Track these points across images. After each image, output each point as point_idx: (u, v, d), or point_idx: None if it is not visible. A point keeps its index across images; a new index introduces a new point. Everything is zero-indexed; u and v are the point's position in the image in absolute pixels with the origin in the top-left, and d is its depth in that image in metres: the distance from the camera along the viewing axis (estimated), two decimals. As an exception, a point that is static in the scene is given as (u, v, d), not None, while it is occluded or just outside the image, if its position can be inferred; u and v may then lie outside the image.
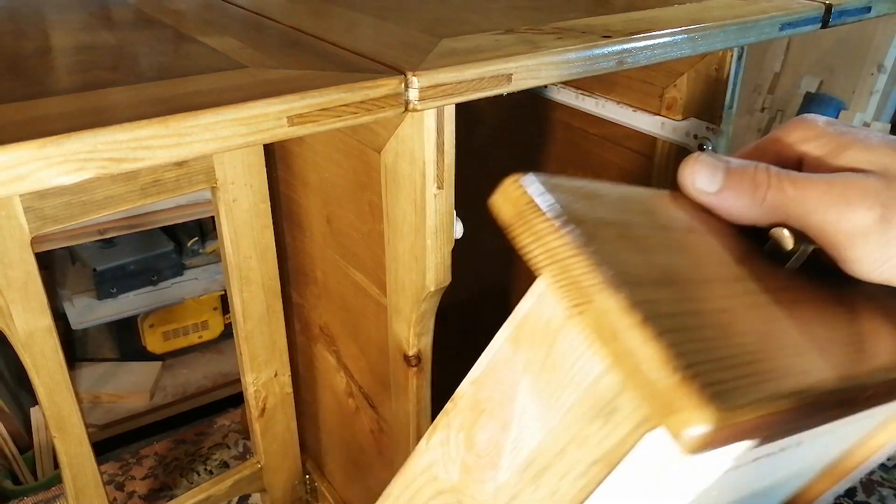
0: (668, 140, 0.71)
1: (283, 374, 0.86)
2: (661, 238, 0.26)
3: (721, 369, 0.20)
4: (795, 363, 0.23)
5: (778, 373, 0.21)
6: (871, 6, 0.63)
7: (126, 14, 0.60)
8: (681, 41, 0.51)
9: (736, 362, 0.21)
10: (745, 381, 0.20)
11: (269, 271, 0.78)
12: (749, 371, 0.21)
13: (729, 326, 0.23)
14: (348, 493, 0.90)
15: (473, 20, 0.55)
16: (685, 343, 0.20)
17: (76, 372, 1.45)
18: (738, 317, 0.24)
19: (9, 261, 0.61)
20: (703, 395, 0.19)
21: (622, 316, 0.21)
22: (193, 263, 1.50)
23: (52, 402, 0.69)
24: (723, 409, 0.19)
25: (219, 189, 0.70)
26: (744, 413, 0.19)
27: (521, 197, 0.26)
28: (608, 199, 0.27)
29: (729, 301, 0.24)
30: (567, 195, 0.26)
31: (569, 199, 0.25)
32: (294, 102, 0.38)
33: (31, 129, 0.33)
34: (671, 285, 0.23)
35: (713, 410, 0.19)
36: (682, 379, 0.19)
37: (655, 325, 0.20)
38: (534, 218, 0.24)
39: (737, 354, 0.21)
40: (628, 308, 0.21)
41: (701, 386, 0.19)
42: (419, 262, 0.53)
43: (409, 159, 0.50)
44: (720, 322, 0.23)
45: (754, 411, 0.20)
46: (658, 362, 0.20)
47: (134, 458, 1.19)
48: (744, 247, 0.29)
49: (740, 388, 0.20)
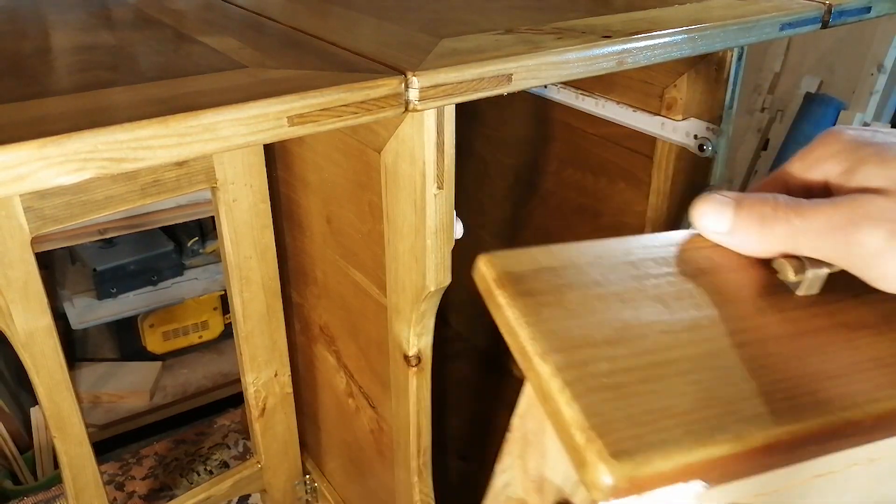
0: (668, 140, 0.71)
1: (283, 374, 0.86)
2: (638, 290, 0.29)
3: (636, 425, 0.23)
4: (739, 408, 0.24)
5: (705, 423, 0.23)
6: (871, 6, 0.63)
7: (126, 14, 0.60)
8: (681, 41, 0.51)
9: (656, 417, 0.23)
10: (660, 435, 0.23)
11: (269, 271, 0.78)
12: (668, 425, 0.23)
13: (664, 379, 0.25)
14: (348, 492, 0.90)
15: (473, 20, 0.55)
16: (603, 403, 0.23)
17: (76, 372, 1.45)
18: (681, 367, 0.25)
19: (9, 261, 0.61)
20: (605, 454, 0.22)
21: (550, 381, 0.24)
22: (193, 263, 1.50)
23: (52, 402, 0.69)
24: (626, 465, 0.21)
25: (219, 189, 0.70)
26: (648, 468, 0.22)
27: (488, 273, 0.29)
28: (587, 258, 0.30)
29: (683, 350, 0.26)
30: (532, 267, 0.29)
31: (532, 271, 0.29)
32: (294, 102, 0.38)
33: (31, 129, 0.33)
34: (621, 343, 0.26)
35: (615, 467, 0.21)
36: (588, 440, 0.22)
37: (576, 389, 0.24)
38: (496, 293, 0.28)
39: (663, 408, 0.24)
40: (555, 374, 0.24)
41: (606, 444, 0.22)
42: (419, 262, 0.53)
43: (409, 159, 0.50)
44: (656, 375, 0.25)
45: (660, 465, 0.22)
46: (574, 423, 0.23)
47: (134, 458, 1.19)
48: (762, 281, 0.30)
49: (651, 444, 0.22)
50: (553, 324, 0.26)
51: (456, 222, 0.52)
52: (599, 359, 0.25)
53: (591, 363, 0.25)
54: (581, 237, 0.31)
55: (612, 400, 0.24)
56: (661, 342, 0.26)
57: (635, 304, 0.28)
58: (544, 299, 0.28)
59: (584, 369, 0.24)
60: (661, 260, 0.31)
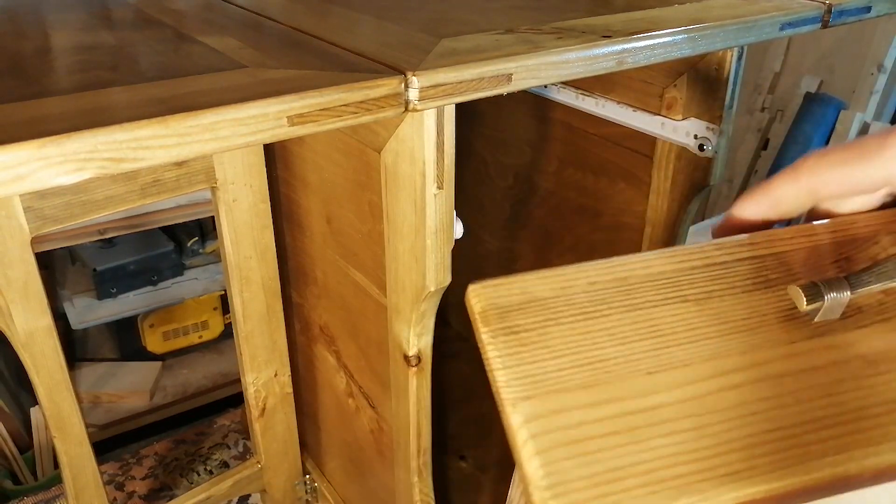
0: (669, 140, 0.71)
1: (283, 374, 0.86)
2: (631, 322, 0.27)
3: (596, 485, 0.22)
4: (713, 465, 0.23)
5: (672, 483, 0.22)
6: (871, 6, 0.63)
7: (126, 14, 0.60)
8: (681, 41, 0.51)
9: (619, 476, 0.22)
10: (620, 498, 0.22)
11: (269, 271, 0.78)
12: (631, 485, 0.22)
13: (638, 431, 0.24)
14: (348, 492, 0.90)
15: (473, 20, 0.55)
16: (566, 459, 0.23)
17: (76, 372, 1.45)
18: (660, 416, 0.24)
19: (9, 261, 0.61)
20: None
21: (517, 432, 0.24)
22: (193, 263, 1.50)
23: (52, 402, 0.69)
24: None
25: (219, 189, 0.70)
26: None
27: (475, 306, 0.28)
28: (579, 285, 0.28)
29: (667, 395, 0.25)
30: (521, 298, 0.28)
31: (520, 303, 0.27)
32: (294, 102, 0.38)
33: (31, 129, 0.33)
34: (598, 386, 0.25)
35: None
36: (541, 500, 0.22)
37: (540, 443, 0.23)
38: (480, 329, 0.27)
39: (629, 465, 0.22)
40: (521, 425, 0.24)
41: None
42: (419, 262, 0.53)
43: (409, 159, 0.50)
44: (629, 426, 0.24)
45: None
46: (532, 481, 0.22)
47: (134, 458, 1.19)
48: (774, 305, 0.28)
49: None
50: (531, 366, 0.25)
51: (456, 222, 0.52)
52: (571, 407, 0.24)
53: (561, 412, 0.24)
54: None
55: (576, 456, 0.23)
56: (643, 386, 0.25)
57: (624, 339, 0.26)
58: (527, 337, 0.26)
59: (552, 420, 0.23)
60: (661, 283, 0.28)
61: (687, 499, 0.22)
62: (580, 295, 0.28)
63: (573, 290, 0.28)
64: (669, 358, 0.26)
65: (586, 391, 0.24)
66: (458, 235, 0.53)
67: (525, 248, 0.99)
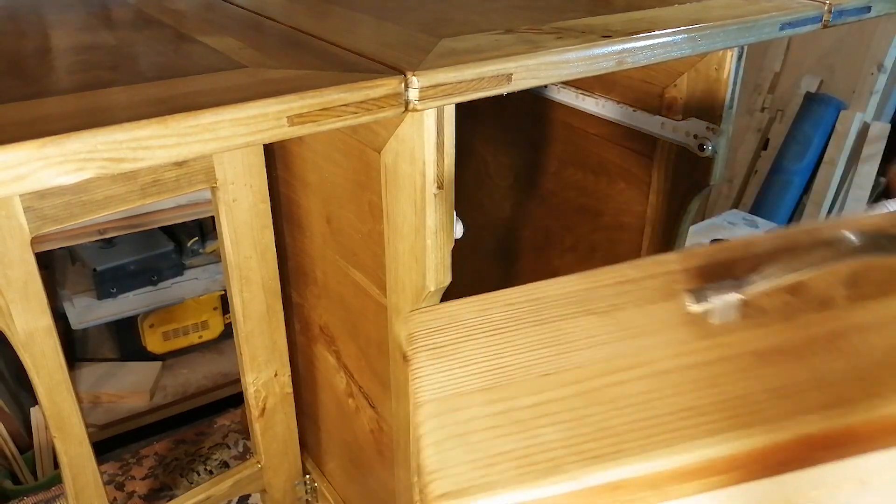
0: (669, 140, 0.71)
1: (283, 374, 0.86)
2: (537, 334, 0.30)
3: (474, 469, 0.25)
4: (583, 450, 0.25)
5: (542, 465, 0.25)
6: (871, 6, 0.63)
7: (126, 14, 0.60)
8: (681, 41, 0.51)
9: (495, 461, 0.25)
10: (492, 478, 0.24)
11: (269, 271, 0.78)
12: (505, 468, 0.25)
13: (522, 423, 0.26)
14: (348, 493, 0.90)
15: (473, 20, 0.55)
16: (452, 449, 0.25)
17: (76, 372, 1.45)
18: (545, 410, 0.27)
19: (9, 261, 0.61)
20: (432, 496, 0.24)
21: (417, 427, 0.27)
22: (193, 263, 1.50)
23: (52, 402, 0.69)
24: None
25: (219, 189, 0.70)
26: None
27: (402, 331, 0.32)
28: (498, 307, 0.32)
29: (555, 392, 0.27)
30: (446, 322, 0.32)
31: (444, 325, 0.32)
32: (294, 102, 0.38)
33: (31, 129, 0.33)
34: (494, 389, 0.28)
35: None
36: (423, 484, 0.24)
37: (433, 436, 0.26)
38: (404, 349, 0.32)
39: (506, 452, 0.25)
40: (422, 422, 0.27)
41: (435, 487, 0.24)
42: (419, 262, 0.53)
43: (409, 159, 0.50)
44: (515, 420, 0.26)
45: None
46: (420, 467, 0.25)
47: (134, 458, 1.19)
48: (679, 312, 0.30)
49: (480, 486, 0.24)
50: (440, 375, 0.29)
51: (456, 222, 0.52)
52: (467, 406, 0.27)
53: (457, 410, 0.27)
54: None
55: (462, 446, 0.25)
56: (536, 386, 0.27)
57: (528, 349, 0.29)
58: (442, 352, 0.30)
59: (447, 417, 0.26)
60: (571, 300, 0.31)
61: (553, 478, 0.24)
62: (497, 315, 0.31)
63: (491, 311, 0.32)
64: (565, 362, 0.29)
65: (483, 393, 0.28)
66: (458, 235, 0.53)
67: (525, 248, 0.99)
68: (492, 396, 0.27)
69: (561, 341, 0.29)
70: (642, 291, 0.31)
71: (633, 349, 0.28)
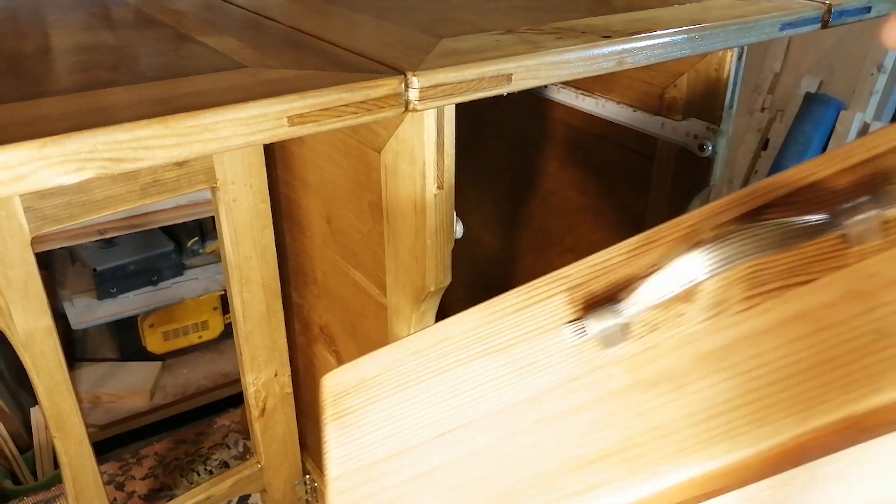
0: (669, 140, 0.71)
1: (283, 374, 0.86)
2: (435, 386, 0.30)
3: None
4: None
5: None
6: (871, 6, 0.63)
7: (126, 14, 0.60)
8: (681, 41, 0.51)
9: None
10: None
11: (269, 271, 0.78)
12: None
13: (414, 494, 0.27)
14: (348, 493, 0.90)
15: (473, 20, 0.55)
16: None
17: (76, 372, 1.45)
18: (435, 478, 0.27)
19: (9, 261, 0.61)
20: None
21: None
22: (193, 263, 1.50)
23: (52, 402, 0.69)
24: None
25: (219, 189, 0.70)
26: None
27: (321, 394, 0.33)
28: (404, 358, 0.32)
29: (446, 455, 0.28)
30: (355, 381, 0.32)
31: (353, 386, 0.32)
32: (294, 102, 0.38)
33: (31, 129, 0.33)
34: (395, 458, 0.29)
35: None
36: None
37: None
38: (322, 416, 0.33)
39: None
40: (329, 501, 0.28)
41: None
42: (419, 262, 0.53)
43: (409, 159, 0.50)
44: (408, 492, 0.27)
45: None
46: None
47: (134, 458, 1.19)
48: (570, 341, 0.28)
49: None
50: (348, 447, 0.30)
51: (456, 222, 0.52)
52: (373, 478, 0.28)
53: (366, 483, 0.28)
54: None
55: None
56: (431, 450, 0.28)
57: (430, 404, 0.29)
58: (350, 419, 0.31)
59: (356, 491, 0.28)
60: (472, 339, 0.31)
61: None
62: (402, 367, 0.31)
63: (397, 363, 0.32)
64: (462, 416, 0.28)
65: (389, 461, 0.29)
66: (458, 235, 0.53)
67: (525, 248, 0.99)
68: (396, 464, 0.28)
69: (461, 391, 0.29)
70: (536, 321, 0.30)
71: (525, 393, 0.28)
